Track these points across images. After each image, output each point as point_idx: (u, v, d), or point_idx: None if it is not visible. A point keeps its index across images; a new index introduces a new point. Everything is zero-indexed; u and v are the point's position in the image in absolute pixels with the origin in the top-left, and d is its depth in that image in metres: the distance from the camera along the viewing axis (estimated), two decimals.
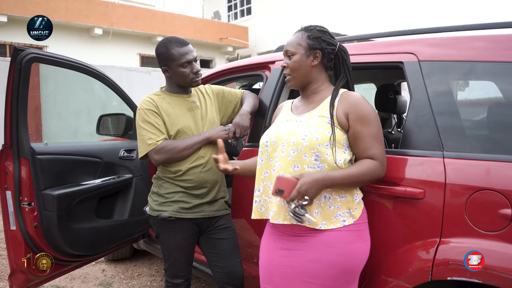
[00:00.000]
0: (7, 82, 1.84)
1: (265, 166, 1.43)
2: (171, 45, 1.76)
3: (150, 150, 1.72)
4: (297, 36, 1.46)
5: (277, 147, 1.39)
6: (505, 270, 1.19)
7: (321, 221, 1.31)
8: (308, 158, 1.31)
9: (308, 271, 1.32)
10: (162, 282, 2.94)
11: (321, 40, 1.42)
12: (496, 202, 1.24)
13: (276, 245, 1.42)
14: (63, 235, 2.01)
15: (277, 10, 12.13)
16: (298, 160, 1.32)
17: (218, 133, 1.82)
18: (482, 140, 1.46)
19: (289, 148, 1.34)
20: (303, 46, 1.42)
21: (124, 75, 7.50)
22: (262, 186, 1.43)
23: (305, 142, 1.31)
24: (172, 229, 1.81)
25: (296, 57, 1.43)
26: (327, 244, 1.31)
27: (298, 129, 1.37)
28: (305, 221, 1.28)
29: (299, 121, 1.42)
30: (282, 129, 1.42)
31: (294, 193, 1.24)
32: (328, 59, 1.45)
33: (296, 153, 1.32)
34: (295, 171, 1.32)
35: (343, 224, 1.33)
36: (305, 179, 1.25)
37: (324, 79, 1.48)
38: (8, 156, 1.93)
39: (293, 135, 1.35)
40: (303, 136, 1.32)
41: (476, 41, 1.51)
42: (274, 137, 1.41)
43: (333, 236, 1.32)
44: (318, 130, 1.33)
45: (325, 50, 1.43)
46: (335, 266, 1.31)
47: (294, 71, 1.45)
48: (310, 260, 1.32)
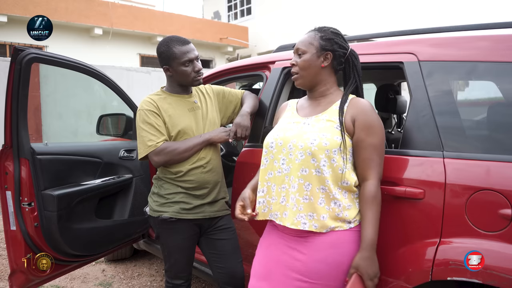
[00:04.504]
0: (7, 82, 1.84)
1: (269, 167, 1.42)
2: (172, 43, 1.76)
3: (150, 152, 1.72)
4: (310, 35, 1.44)
5: (283, 149, 1.38)
6: (505, 270, 1.19)
7: (328, 226, 1.31)
8: (316, 163, 1.30)
9: (312, 272, 1.32)
10: (162, 282, 2.94)
11: (333, 42, 1.41)
12: (496, 202, 1.24)
13: (279, 241, 1.42)
14: (63, 235, 2.01)
15: (277, 10, 12.13)
16: (306, 164, 1.31)
17: (218, 134, 1.82)
18: (482, 140, 1.46)
19: (297, 151, 1.33)
20: (315, 46, 1.41)
21: (124, 75, 7.50)
22: (266, 187, 1.42)
23: (314, 146, 1.30)
24: (172, 230, 1.81)
25: (307, 56, 1.42)
26: (331, 244, 1.31)
27: (306, 132, 1.36)
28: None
29: (306, 123, 1.40)
30: (289, 131, 1.41)
31: (369, 284, 1.27)
32: (338, 62, 1.44)
33: (304, 157, 1.31)
34: (302, 175, 1.31)
35: (349, 226, 1.33)
36: (359, 265, 1.27)
37: (333, 82, 1.46)
38: (8, 156, 1.92)
39: (301, 139, 1.34)
40: (312, 141, 1.31)
41: (476, 41, 1.51)
42: (280, 139, 1.40)
43: (338, 236, 1.32)
44: (327, 135, 1.32)
45: (336, 53, 1.41)
46: (339, 266, 1.31)
47: (303, 70, 1.43)
48: (315, 261, 1.32)
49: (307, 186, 1.31)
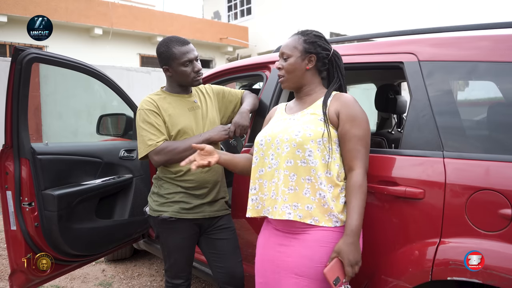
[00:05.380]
0: (7, 82, 1.84)
1: (260, 164, 1.46)
2: (172, 44, 1.77)
3: (150, 151, 1.72)
4: (293, 39, 1.50)
5: (272, 145, 1.42)
6: (505, 270, 1.19)
7: (312, 217, 1.32)
8: (301, 153, 1.34)
9: (298, 267, 1.35)
10: (162, 282, 2.94)
11: (316, 45, 1.47)
12: (496, 202, 1.24)
13: (271, 240, 1.46)
14: (63, 235, 2.01)
15: (277, 10, 12.13)
16: (291, 156, 1.35)
17: (218, 133, 1.82)
18: (482, 140, 1.46)
19: (283, 144, 1.38)
20: (299, 50, 1.47)
21: (124, 75, 7.50)
22: (258, 184, 1.46)
23: (298, 138, 1.35)
24: (172, 230, 1.81)
25: (292, 59, 1.47)
26: (317, 242, 1.34)
27: (291, 126, 1.41)
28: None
29: (292, 119, 1.47)
30: (276, 128, 1.47)
31: (349, 270, 1.27)
32: (322, 63, 1.49)
33: (290, 149, 1.36)
34: (288, 166, 1.35)
35: (335, 225, 1.34)
36: (341, 249, 1.28)
37: (318, 82, 1.52)
38: (8, 156, 1.93)
39: (287, 132, 1.39)
40: (296, 132, 1.36)
41: (476, 41, 1.51)
42: (269, 136, 1.45)
43: (325, 234, 1.34)
44: (311, 126, 1.37)
45: (319, 55, 1.47)
46: (323, 264, 1.32)
47: (289, 73, 1.49)
48: (301, 256, 1.35)
49: (292, 176, 1.35)
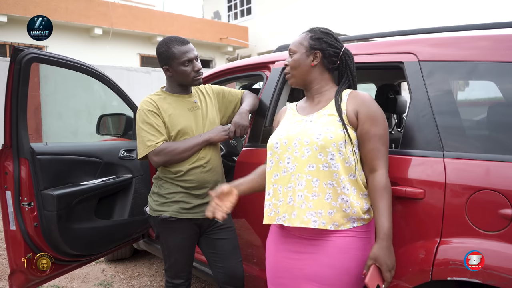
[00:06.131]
0: (6, 82, 1.84)
1: (275, 169, 1.41)
2: (172, 44, 1.77)
3: (149, 152, 1.72)
4: (301, 36, 1.48)
5: (289, 148, 1.37)
6: (505, 270, 1.19)
7: (333, 222, 1.29)
8: (323, 157, 1.30)
9: (320, 276, 1.31)
10: (162, 282, 2.94)
11: (322, 41, 1.43)
12: (496, 202, 1.24)
13: (285, 246, 1.41)
14: (63, 235, 2.01)
15: (277, 10, 12.13)
16: (313, 160, 1.31)
17: (218, 134, 1.82)
18: (482, 140, 1.46)
19: (303, 148, 1.33)
20: (304, 46, 1.44)
21: (124, 75, 7.50)
22: (272, 189, 1.40)
23: (320, 141, 1.30)
24: (172, 230, 1.81)
25: (297, 55, 1.45)
26: (340, 250, 1.30)
27: (310, 128, 1.36)
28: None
29: (308, 120, 1.41)
30: (292, 130, 1.40)
31: (387, 275, 1.25)
32: (329, 60, 1.44)
33: (311, 153, 1.31)
34: (310, 171, 1.31)
35: (353, 225, 1.32)
36: (378, 255, 1.25)
37: (327, 79, 1.47)
38: (7, 156, 1.92)
39: (306, 135, 1.34)
40: (317, 135, 1.31)
41: (476, 41, 1.51)
42: (285, 138, 1.39)
43: (346, 241, 1.31)
44: (331, 128, 1.32)
45: (325, 51, 1.43)
46: (346, 271, 1.30)
47: (294, 69, 1.47)
48: (323, 265, 1.31)
49: (315, 182, 1.30)
